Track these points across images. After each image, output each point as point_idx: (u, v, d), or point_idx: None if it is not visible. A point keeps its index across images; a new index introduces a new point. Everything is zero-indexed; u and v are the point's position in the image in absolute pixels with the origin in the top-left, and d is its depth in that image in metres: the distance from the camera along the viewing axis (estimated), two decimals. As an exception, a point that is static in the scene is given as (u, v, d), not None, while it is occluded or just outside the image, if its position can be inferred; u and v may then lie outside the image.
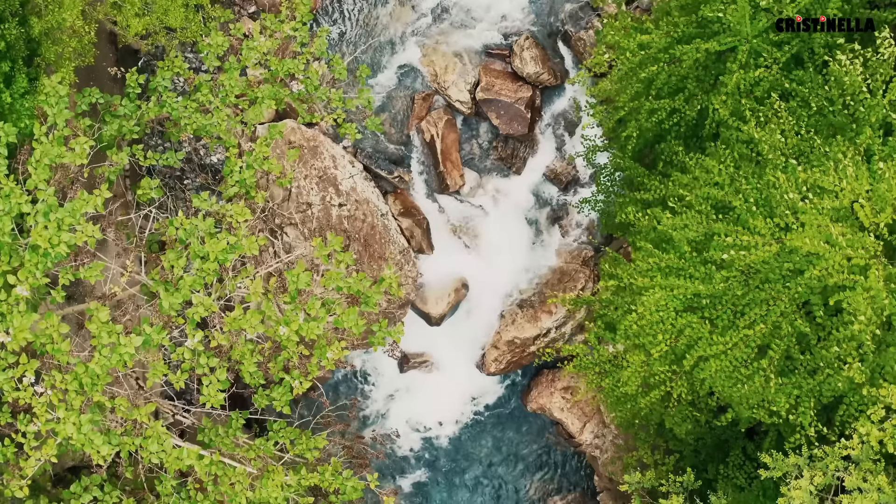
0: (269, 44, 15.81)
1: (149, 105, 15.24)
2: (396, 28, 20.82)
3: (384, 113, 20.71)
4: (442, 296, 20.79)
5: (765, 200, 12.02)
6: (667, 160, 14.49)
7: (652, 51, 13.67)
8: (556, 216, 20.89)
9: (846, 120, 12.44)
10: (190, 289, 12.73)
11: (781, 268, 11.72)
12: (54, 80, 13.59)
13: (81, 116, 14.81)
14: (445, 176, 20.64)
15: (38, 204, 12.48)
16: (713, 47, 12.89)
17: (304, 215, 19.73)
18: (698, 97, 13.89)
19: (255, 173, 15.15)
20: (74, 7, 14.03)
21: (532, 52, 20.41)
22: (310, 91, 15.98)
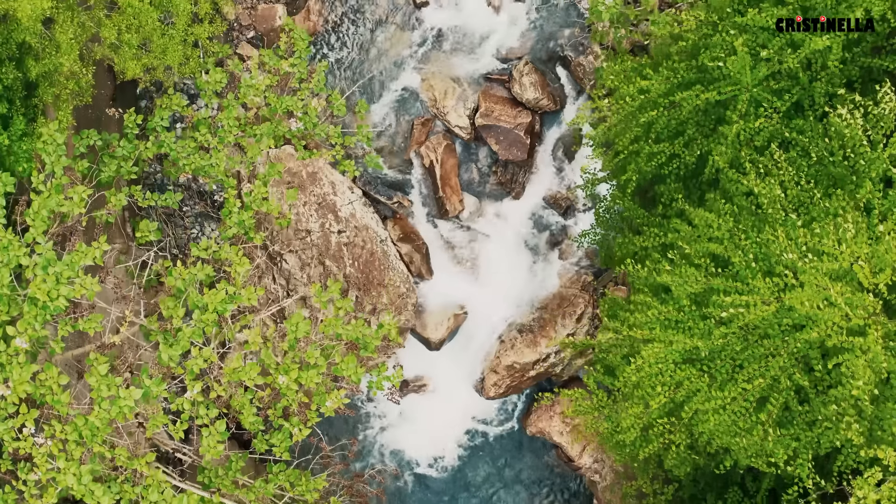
0: (268, 80, 15.77)
1: (147, 145, 15.22)
2: (395, 53, 20.75)
3: (383, 137, 20.66)
4: (441, 321, 20.79)
5: (764, 255, 12.01)
6: (666, 202, 14.46)
7: (652, 94, 13.62)
8: (555, 241, 20.87)
9: (846, 172, 12.42)
10: (189, 340, 12.74)
11: (781, 323, 11.72)
12: (52, 127, 13.57)
13: (79, 158, 14.80)
14: (445, 201, 20.61)
15: (37, 257, 12.47)
16: (713, 97, 12.85)
17: (304, 242, 19.71)
18: (698, 141, 13.85)
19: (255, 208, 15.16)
20: (72, 51, 13.97)
21: (531, 78, 20.34)
22: (308, 128, 15.96)
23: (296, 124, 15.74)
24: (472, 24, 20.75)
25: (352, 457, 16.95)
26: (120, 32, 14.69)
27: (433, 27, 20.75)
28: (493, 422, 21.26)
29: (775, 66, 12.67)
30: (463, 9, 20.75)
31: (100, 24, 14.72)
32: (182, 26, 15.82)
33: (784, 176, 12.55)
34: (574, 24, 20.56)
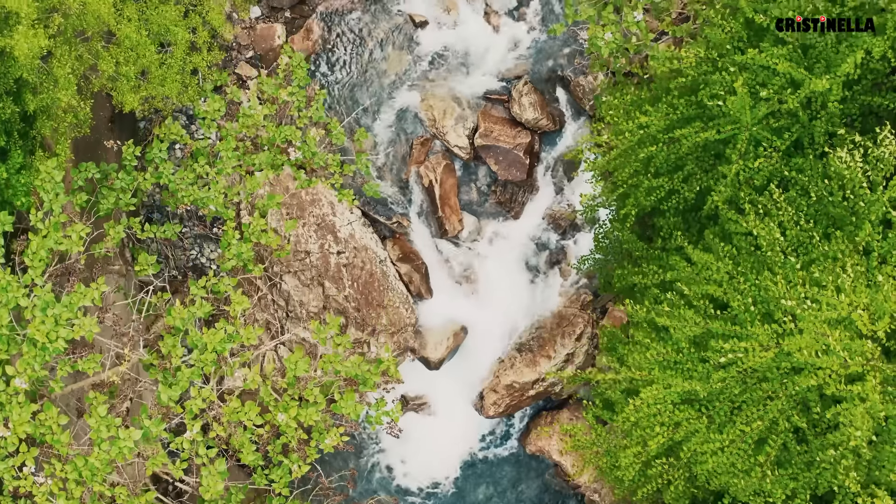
0: (266, 110, 15.75)
1: (146, 176, 15.20)
2: (395, 72, 20.71)
3: (382, 157, 20.63)
4: (441, 340, 20.81)
5: (763, 298, 12.01)
6: (665, 236, 14.45)
7: (651, 130, 13.59)
8: (554, 260, 20.87)
9: (846, 212, 12.40)
10: (188, 380, 12.76)
11: (780, 366, 11.73)
12: (50, 164, 13.56)
13: (78, 191, 14.78)
14: (444, 221, 20.59)
15: (35, 298, 12.48)
16: (712, 136, 12.81)
17: (303, 263, 19.71)
18: (697, 176, 13.82)
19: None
20: (69, 86, 13.94)
21: (530, 98, 20.30)
22: (307, 157, 15.94)
23: (295, 154, 15.71)
24: (471, 44, 20.70)
25: (351, 487, 16.98)
26: (118, 65, 14.65)
27: (432, 47, 20.69)
28: (493, 440, 21.30)
29: (775, 105, 12.64)
30: (462, 28, 20.70)
31: (97, 55, 14.68)
32: (180, 55, 15.78)
33: (783, 216, 12.54)
34: (573, 45, 20.51)
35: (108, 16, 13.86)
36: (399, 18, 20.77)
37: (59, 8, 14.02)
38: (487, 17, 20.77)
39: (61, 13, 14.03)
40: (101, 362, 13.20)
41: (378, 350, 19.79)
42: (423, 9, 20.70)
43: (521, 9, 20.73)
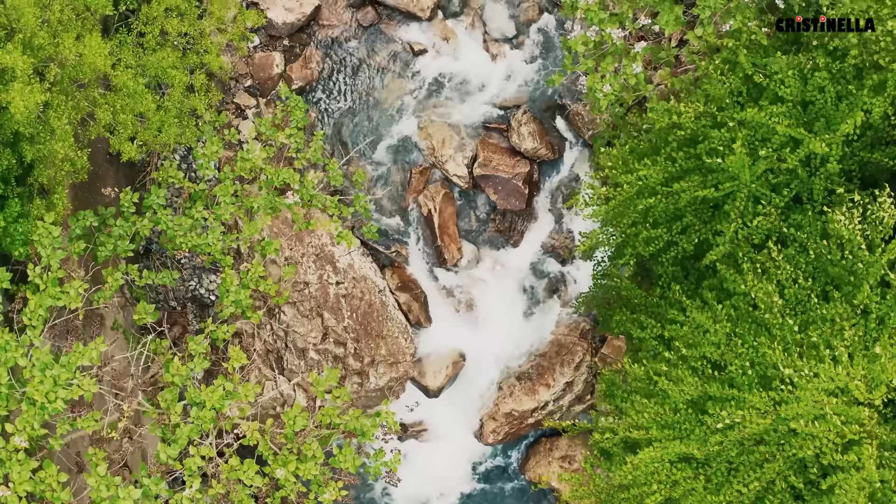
0: (264, 153, 15.72)
1: (144, 222, 15.19)
2: (393, 100, 20.64)
3: (381, 186, 20.60)
4: (440, 368, 20.84)
5: (761, 359, 12.02)
6: (664, 284, 14.44)
7: (650, 182, 13.56)
8: (553, 288, 20.87)
9: (844, 272, 12.39)
10: (187, 437, 12.79)
11: (777, 429, 11.76)
12: (48, 219, 13.55)
13: (76, 239, 14.77)
14: (443, 250, 20.58)
15: (34, 359, 12.50)
16: (711, 194, 12.79)
17: (302, 294, 19.72)
18: (696, 227, 13.80)
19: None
20: (66, 137, 13.90)
21: (530, 128, 20.25)
22: (305, 199, 15.93)
23: (293, 197, 15.69)
24: (470, 72, 20.64)
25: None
26: (115, 113, 14.60)
27: (431, 75, 20.63)
28: (493, 466, 21.36)
29: (774, 163, 12.61)
30: (461, 57, 20.62)
31: (94, 102, 14.63)
32: (178, 97, 15.73)
33: (781, 275, 12.53)
34: (572, 74, 20.43)
35: (104, 66, 13.81)
36: (397, 47, 20.69)
37: (55, 58, 13.97)
38: (486, 46, 20.70)
39: (57, 63, 13.98)
40: (101, 418, 13.22)
41: (377, 380, 19.84)
42: (421, 37, 20.62)
43: (520, 37, 20.65)
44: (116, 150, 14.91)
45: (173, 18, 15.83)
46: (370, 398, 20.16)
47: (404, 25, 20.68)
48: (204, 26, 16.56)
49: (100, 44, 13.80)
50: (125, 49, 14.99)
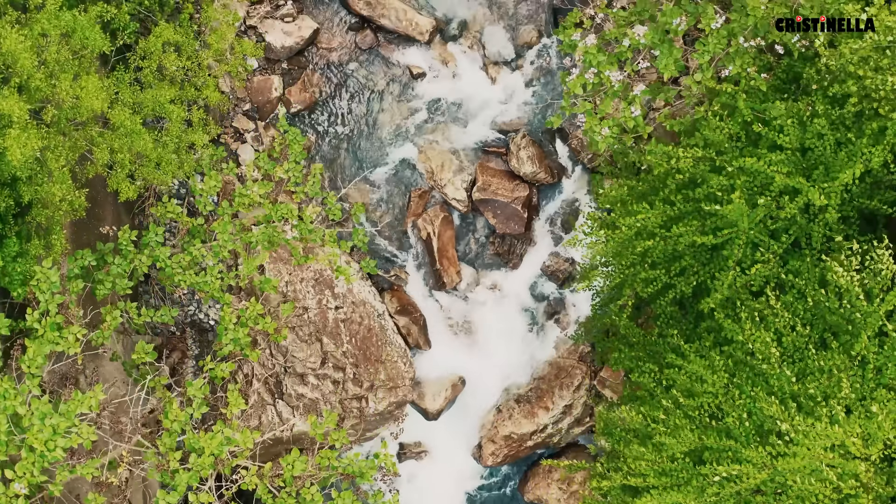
0: (262, 189, 15.70)
1: (142, 259, 15.18)
2: (392, 123, 20.60)
3: (380, 209, 20.58)
4: (439, 391, 20.87)
5: (758, 410, 12.04)
6: (662, 324, 14.45)
7: (648, 224, 13.55)
8: (553, 311, 20.88)
9: (842, 320, 12.39)
10: (186, 485, 12.83)
11: (774, 479, 11.79)
12: (46, 264, 13.54)
13: (74, 278, 14.76)
14: (442, 273, 20.58)
15: (33, 408, 12.52)
16: (709, 241, 12.78)
17: (301, 319, 19.72)
18: (694, 269, 13.80)
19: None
20: (64, 180, 13.87)
21: (529, 152, 20.21)
22: (304, 234, 15.91)
23: (291, 232, 15.67)
24: (469, 96, 20.58)
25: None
26: (112, 152, 14.57)
27: (430, 98, 20.58)
28: (492, 488, 21.43)
29: (773, 210, 12.60)
30: (460, 80, 20.56)
31: (92, 141, 14.60)
32: (176, 132, 15.69)
33: (779, 323, 12.53)
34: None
35: (101, 108, 13.77)
36: (397, 70, 20.64)
37: (51, 99, 13.94)
38: (485, 69, 20.64)
39: (54, 104, 13.95)
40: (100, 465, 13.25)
41: (376, 405, 19.88)
42: (420, 60, 20.56)
43: (520, 60, 20.59)
44: (114, 189, 14.88)
45: (171, 53, 15.78)
46: (369, 422, 20.20)
47: (403, 48, 20.63)
48: (202, 58, 16.52)
49: (97, 86, 13.76)
50: (122, 87, 14.94)
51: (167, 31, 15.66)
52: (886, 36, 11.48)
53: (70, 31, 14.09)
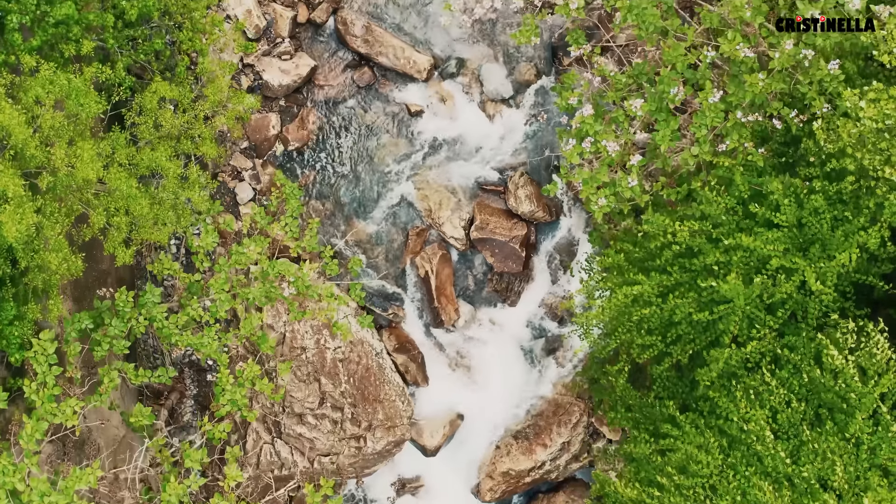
0: (258, 248, 15.68)
1: (139, 319, 15.19)
2: (390, 161, 20.55)
3: (378, 247, 20.58)
4: (437, 428, 20.95)
5: (753, 490, 12.09)
6: (659, 388, 14.48)
7: (644, 293, 13.55)
8: (551, 348, 20.91)
9: (837, 398, 12.42)
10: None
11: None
12: (44, 337, 13.56)
13: (71, 342, 14.79)
14: (440, 311, 20.60)
15: (32, 484, 12.58)
16: (705, 317, 12.79)
17: (299, 359, 19.77)
18: (691, 336, 13.80)
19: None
20: (60, 247, 13.86)
21: (526, 191, 20.18)
22: (301, 291, 15.92)
23: (288, 289, 15.69)
24: (467, 133, 20.52)
25: None
26: (109, 215, 14.55)
27: (428, 136, 20.52)
28: (489, 523, 21.53)
29: (770, 288, 12.59)
30: (458, 118, 20.50)
31: (89, 204, 14.58)
32: (172, 187, 15.67)
33: (774, 400, 12.56)
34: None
35: (95, 177, 13.74)
36: (394, 107, 20.57)
37: (47, 166, 13.90)
38: (483, 107, 20.57)
39: (49, 171, 13.91)
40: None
41: (374, 445, 19.96)
42: (418, 98, 20.49)
43: (518, 98, 20.52)
44: (110, 253, 14.88)
45: (167, 110, 15.73)
46: (367, 460, 20.29)
47: (401, 86, 20.55)
48: (199, 110, 16.46)
49: (92, 155, 13.71)
50: (118, 148, 14.89)
51: (163, 88, 15.60)
52: (885, 120, 11.43)
53: (65, 95, 14.04)
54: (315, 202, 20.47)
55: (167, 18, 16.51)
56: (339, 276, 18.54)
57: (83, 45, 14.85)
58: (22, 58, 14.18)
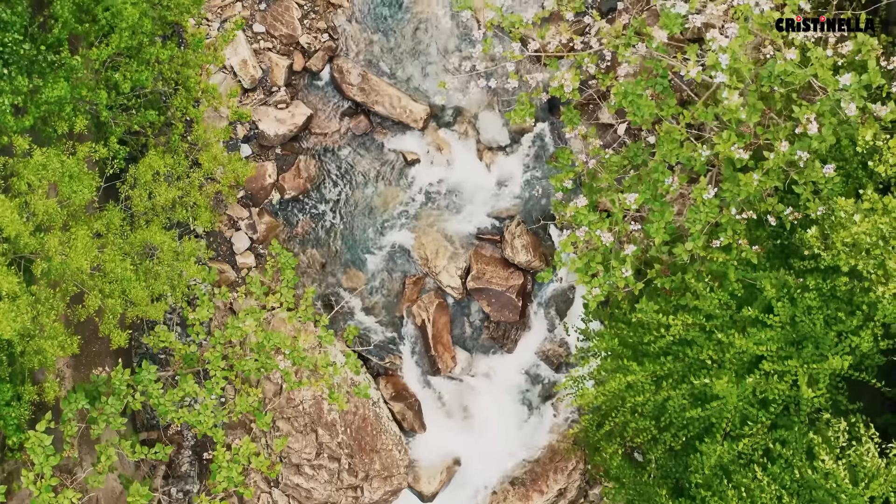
0: (254, 321, 15.70)
1: (136, 396, 15.25)
2: (386, 209, 20.51)
3: (375, 295, 20.59)
4: (434, 474, 21.06)
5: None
6: (654, 471, 14.54)
7: (637, 381, 13.58)
8: (547, 395, 20.98)
9: (828, 497, 12.47)
10: None
11: None
12: (39, 427, 13.63)
13: (68, 422, 14.85)
14: (437, 359, 20.65)
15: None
16: (698, 413, 12.82)
17: (296, 410, 19.85)
18: (683, 422, 13.84)
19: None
20: (56, 335, 13.88)
21: (523, 240, 20.15)
22: (296, 363, 15.97)
23: (284, 362, 15.73)
24: (463, 182, 20.46)
25: None
26: (104, 297, 14.56)
27: (425, 184, 20.47)
28: (486, 565, 21.72)
29: (762, 386, 12.61)
30: (455, 166, 20.43)
31: (84, 285, 14.58)
32: (168, 259, 15.66)
33: (766, 497, 12.61)
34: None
35: (89, 267, 13.73)
36: (391, 155, 20.50)
37: (40, 253, 13.90)
38: (480, 155, 20.49)
39: (43, 258, 13.91)
40: None
41: (371, 495, 20.09)
42: (415, 146, 20.42)
43: (514, 146, 20.44)
44: (105, 335, 14.91)
45: (161, 184, 15.69)
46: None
47: (398, 134, 20.46)
48: (193, 179, 16.42)
49: (85, 243, 13.70)
50: (112, 229, 14.87)
51: (157, 162, 15.56)
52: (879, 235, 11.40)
53: (58, 179, 14.00)
54: (312, 250, 20.46)
55: (161, 83, 16.42)
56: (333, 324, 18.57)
57: (76, 122, 14.79)
58: (14, 140, 14.13)
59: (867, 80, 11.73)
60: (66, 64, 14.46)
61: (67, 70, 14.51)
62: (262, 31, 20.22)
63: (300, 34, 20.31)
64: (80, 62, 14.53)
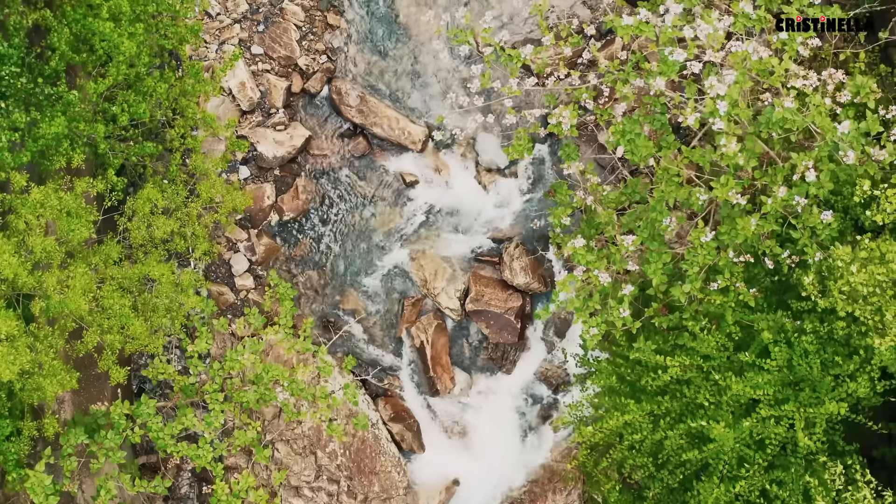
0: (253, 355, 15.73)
1: (135, 428, 15.29)
2: (385, 231, 20.51)
3: (373, 316, 20.61)
4: (433, 494, 21.12)
5: None
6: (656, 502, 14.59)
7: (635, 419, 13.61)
8: (546, 415, 21.02)
9: (826, 541, 12.53)
10: None
11: None
12: (38, 468, 13.66)
13: (67, 457, 14.89)
14: (436, 381, 20.68)
15: None
16: (695, 455, 12.86)
17: (295, 433, 19.90)
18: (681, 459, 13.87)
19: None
20: (54, 373, 13.90)
21: (522, 262, 20.15)
22: (295, 395, 16.00)
23: (283, 394, 15.76)
24: (462, 203, 20.46)
25: None
26: (102, 333, 14.58)
27: (423, 205, 20.46)
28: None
29: (759, 429, 12.64)
30: (453, 187, 20.42)
31: (82, 320, 14.60)
32: (167, 291, 15.67)
33: (764, 540, 12.67)
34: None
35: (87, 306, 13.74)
36: (389, 177, 20.48)
37: (37, 292, 13.90)
38: (478, 177, 20.48)
39: (41, 296, 13.92)
40: None
41: (371, 517, 20.16)
42: (413, 168, 20.40)
43: (513, 168, 20.42)
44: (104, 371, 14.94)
45: (159, 217, 15.69)
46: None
47: (396, 156, 20.45)
48: (192, 209, 16.42)
49: (84, 283, 13.71)
50: (110, 264, 14.88)
51: (154, 194, 15.55)
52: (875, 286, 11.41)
53: (56, 216, 14.01)
54: (310, 272, 20.47)
55: (159, 112, 16.40)
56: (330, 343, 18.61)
57: (74, 157, 14.78)
58: (12, 177, 14.12)
59: (865, 127, 11.71)
60: (63, 98, 14.44)
61: (65, 104, 14.50)
62: (260, 52, 20.18)
63: (298, 56, 20.27)
64: (77, 96, 14.51)
